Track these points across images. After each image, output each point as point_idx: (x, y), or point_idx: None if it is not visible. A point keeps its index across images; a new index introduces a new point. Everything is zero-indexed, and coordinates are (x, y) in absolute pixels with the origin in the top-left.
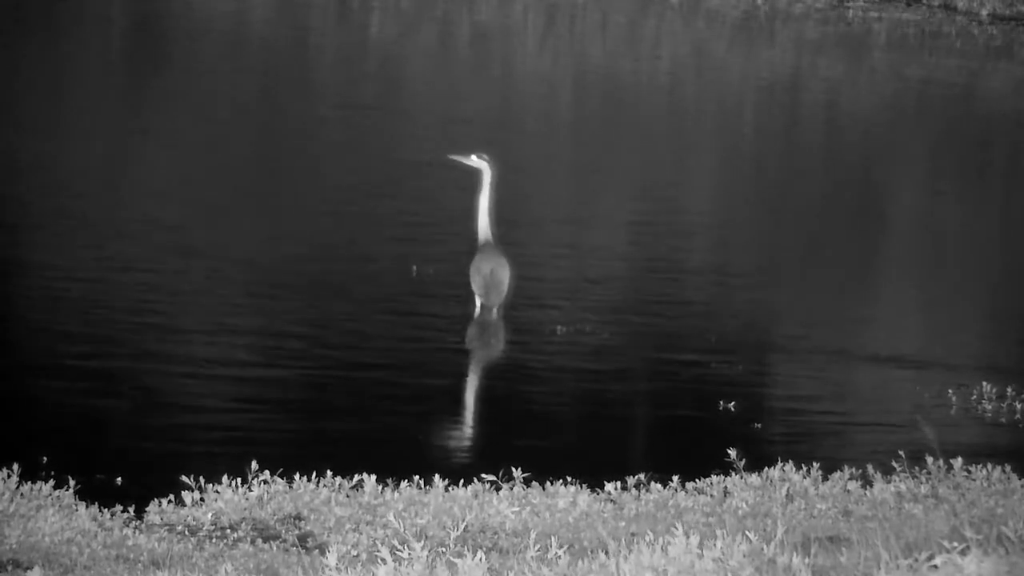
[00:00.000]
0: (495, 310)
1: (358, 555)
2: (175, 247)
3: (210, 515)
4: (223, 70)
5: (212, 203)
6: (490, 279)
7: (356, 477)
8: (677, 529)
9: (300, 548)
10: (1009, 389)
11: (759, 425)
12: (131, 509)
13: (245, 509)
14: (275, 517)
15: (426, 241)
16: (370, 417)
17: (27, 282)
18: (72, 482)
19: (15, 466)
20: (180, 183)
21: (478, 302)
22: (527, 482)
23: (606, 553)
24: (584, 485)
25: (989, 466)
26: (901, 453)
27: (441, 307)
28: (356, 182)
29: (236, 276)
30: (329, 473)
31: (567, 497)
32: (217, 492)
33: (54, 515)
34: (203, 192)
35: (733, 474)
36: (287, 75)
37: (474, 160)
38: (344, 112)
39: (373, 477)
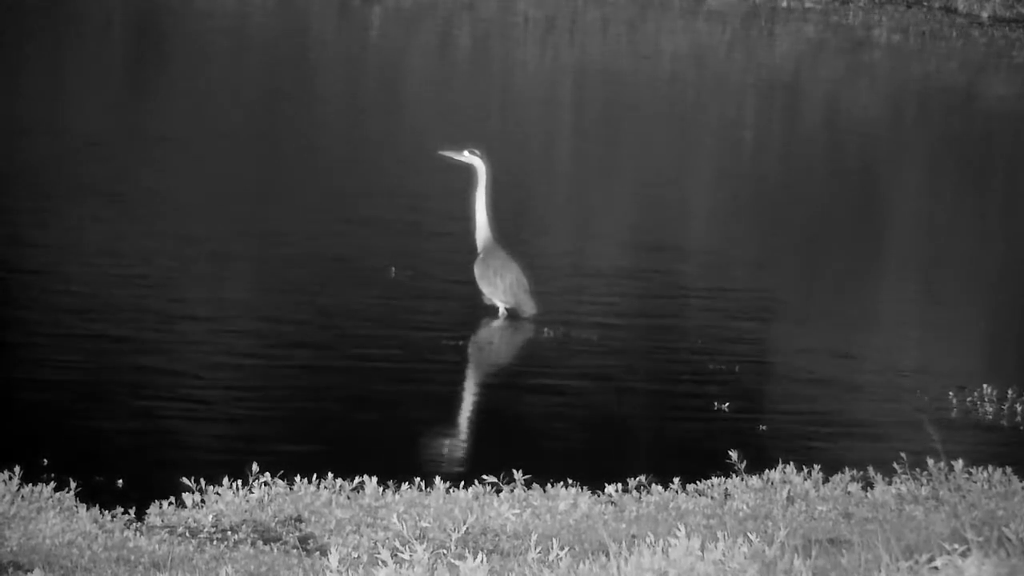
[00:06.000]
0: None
1: (359, 557)
2: (171, 250)
3: (211, 517)
4: (221, 68)
5: (208, 205)
6: (518, 288)
7: (357, 479)
8: (678, 531)
9: (301, 550)
10: (1010, 391)
11: (760, 427)
12: (132, 511)
13: (246, 511)
14: (276, 519)
15: (407, 241)
16: (370, 419)
17: (27, 284)
18: (73, 484)
19: (16, 468)
20: (174, 184)
21: (500, 305)
22: (528, 484)
23: (607, 555)
24: (585, 487)
25: (990, 468)
26: (902, 455)
27: (436, 308)
28: (352, 182)
29: (235, 277)
30: (330, 475)
31: (568, 499)
32: (218, 494)
33: (55, 517)
34: (198, 193)
35: (734, 476)
36: (286, 74)
37: (466, 156)
38: (342, 111)
39: (374, 479)
